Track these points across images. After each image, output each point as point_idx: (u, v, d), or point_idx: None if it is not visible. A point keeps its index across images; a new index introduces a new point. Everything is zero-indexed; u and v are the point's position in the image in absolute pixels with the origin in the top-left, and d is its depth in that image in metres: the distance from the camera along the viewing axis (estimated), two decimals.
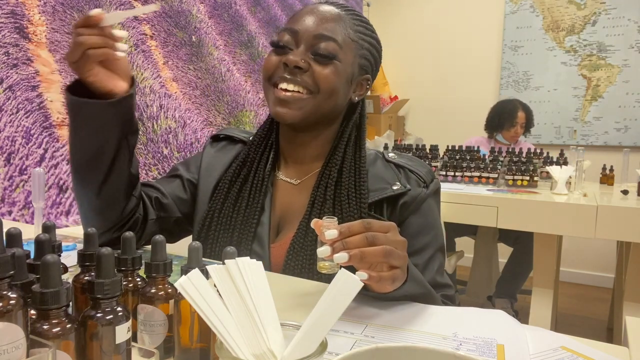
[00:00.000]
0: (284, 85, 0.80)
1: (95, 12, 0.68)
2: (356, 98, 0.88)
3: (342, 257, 0.55)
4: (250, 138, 0.94)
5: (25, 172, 1.47)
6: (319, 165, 0.88)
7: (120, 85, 0.75)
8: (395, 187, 0.84)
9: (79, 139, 0.77)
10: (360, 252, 0.56)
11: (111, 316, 0.40)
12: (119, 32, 0.71)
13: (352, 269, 0.48)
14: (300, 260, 0.79)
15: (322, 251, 0.57)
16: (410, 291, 0.67)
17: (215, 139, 0.99)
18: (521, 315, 2.60)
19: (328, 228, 0.57)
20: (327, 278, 0.80)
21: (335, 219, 0.59)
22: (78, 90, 0.73)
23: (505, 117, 2.96)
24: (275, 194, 0.89)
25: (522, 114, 2.93)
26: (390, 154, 0.91)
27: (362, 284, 0.38)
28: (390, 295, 0.65)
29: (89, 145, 0.76)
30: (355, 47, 0.83)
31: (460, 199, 1.94)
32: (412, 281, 0.66)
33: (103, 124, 0.75)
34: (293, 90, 0.79)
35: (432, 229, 0.85)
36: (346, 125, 0.88)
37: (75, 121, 0.75)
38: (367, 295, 0.68)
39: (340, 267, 0.59)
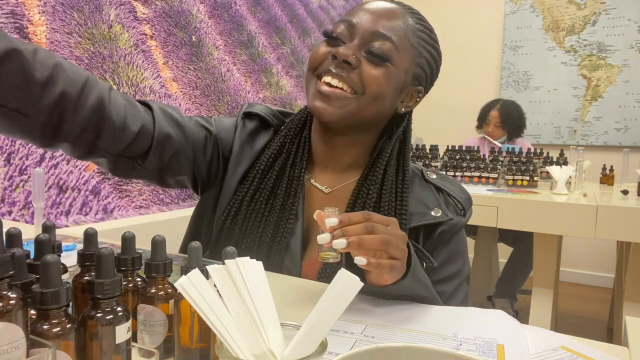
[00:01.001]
0: (327, 79, 0.73)
1: None
2: (403, 109, 0.80)
3: (340, 242, 0.55)
4: (282, 127, 0.85)
5: (25, 172, 1.47)
6: (353, 176, 0.82)
7: None
8: (434, 213, 0.79)
9: None
10: (359, 238, 0.56)
11: (111, 316, 0.40)
12: None
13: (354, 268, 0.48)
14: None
15: (322, 238, 0.57)
16: (410, 289, 0.65)
17: (248, 116, 0.87)
18: (521, 315, 2.60)
19: (329, 217, 0.58)
20: (328, 278, 0.80)
21: (337, 209, 0.60)
22: None
23: (481, 115, 3.01)
24: (306, 201, 0.82)
25: (495, 113, 2.89)
26: (429, 173, 0.85)
27: (362, 284, 0.38)
28: (389, 291, 0.64)
29: None
30: (413, 54, 0.76)
31: None
32: (413, 278, 0.65)
33: None
34: (336, 87, 0.73)
35: (462, 256, 0.83)
36: (389, 138, 0.81)
37: None
38: (367, 294, 0.68)
39: (341, 256, 0.60)
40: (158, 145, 0.75)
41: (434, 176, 0.85)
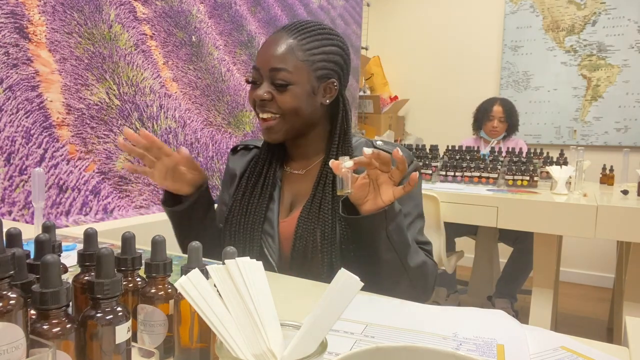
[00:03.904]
0: (262, 115, 0.98)
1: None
2: (327, 101, 1.01)
3: (367, 150, 0.78)
4: (260, 145, 1.12)
5: (25, 172, 1.47)
6: (319, 158, 1.06)
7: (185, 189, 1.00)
8: None
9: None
10: (377, 152, 0.77)
11: (111, 316, 0.40)
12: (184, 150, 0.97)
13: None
14: (310, 226, 0.97)
15: (347, 164, 0.78)
16: (394, 226, 0.84)
17: (234, 150, 1.18)
18: (521, 315, 2.60)
19: (344, 161, 0.78)
20: (327, 278, 0.80)
21: (348, 157, 0.79)
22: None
23: (482, 112, 3.01)
24: (286, 185, 1.07)
25: (498, 107, 2.94)
26: (378, 142, 1.06)
27: (362, 284, 0.38)
28: (375, 221, 0.82)
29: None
30: (306, 66, 0.96)
31: (460, 199, 1.94)
32: (397, 224, 0.84)
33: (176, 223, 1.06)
34: (268, 118, 0.97)
35: (411, 199, 1.00)
36: (334, 127, 1.04)
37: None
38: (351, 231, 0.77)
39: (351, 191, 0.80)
40: None
41: (380, 142, 1.06)
